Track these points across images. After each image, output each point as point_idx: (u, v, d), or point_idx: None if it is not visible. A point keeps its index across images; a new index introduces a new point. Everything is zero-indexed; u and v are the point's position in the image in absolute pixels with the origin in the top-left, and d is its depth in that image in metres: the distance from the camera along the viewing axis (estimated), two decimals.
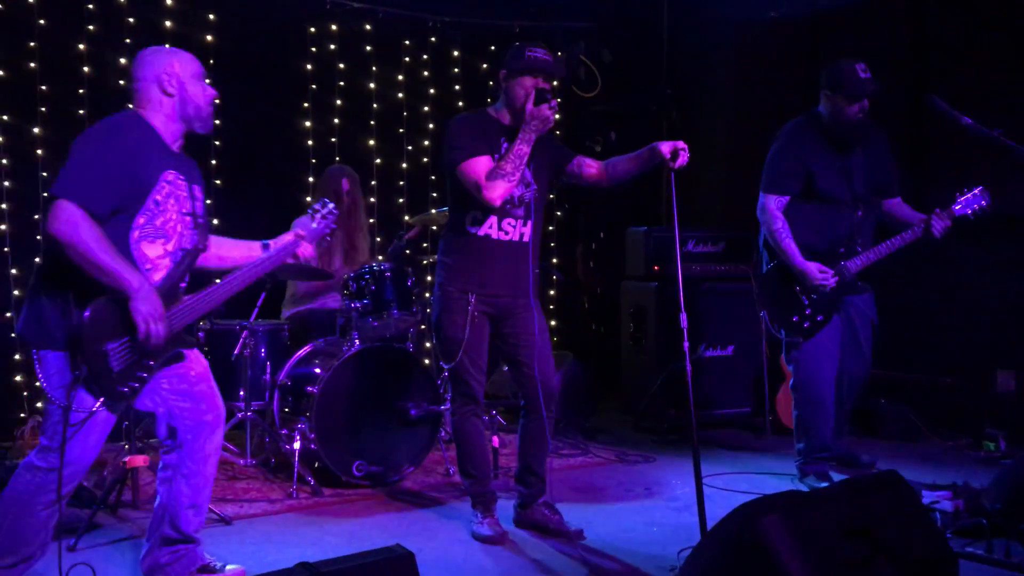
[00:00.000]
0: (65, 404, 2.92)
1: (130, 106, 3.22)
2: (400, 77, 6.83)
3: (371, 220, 6.46)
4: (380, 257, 6.32)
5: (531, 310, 3.95)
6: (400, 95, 6.84)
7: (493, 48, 7.08)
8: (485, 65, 7.11)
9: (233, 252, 3.47)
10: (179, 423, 3.24)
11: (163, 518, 3.27)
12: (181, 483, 3.26)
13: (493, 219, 3.86)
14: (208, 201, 5.96)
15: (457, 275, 3.92)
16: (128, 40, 5.80)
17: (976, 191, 4.56)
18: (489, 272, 3.89)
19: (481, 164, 3.75)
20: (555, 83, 3.96)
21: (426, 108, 6.94)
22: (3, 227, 5.40)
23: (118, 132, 3.06)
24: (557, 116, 3.81)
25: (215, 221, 5.95)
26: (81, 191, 2.88)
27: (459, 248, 3.94)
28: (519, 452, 4.11)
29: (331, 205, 3.67)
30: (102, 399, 2.97)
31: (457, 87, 7.05)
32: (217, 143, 6.04)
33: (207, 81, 3.32)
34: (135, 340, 2.97)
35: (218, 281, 3.31)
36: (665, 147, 3.69)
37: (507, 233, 3.89)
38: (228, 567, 3.38)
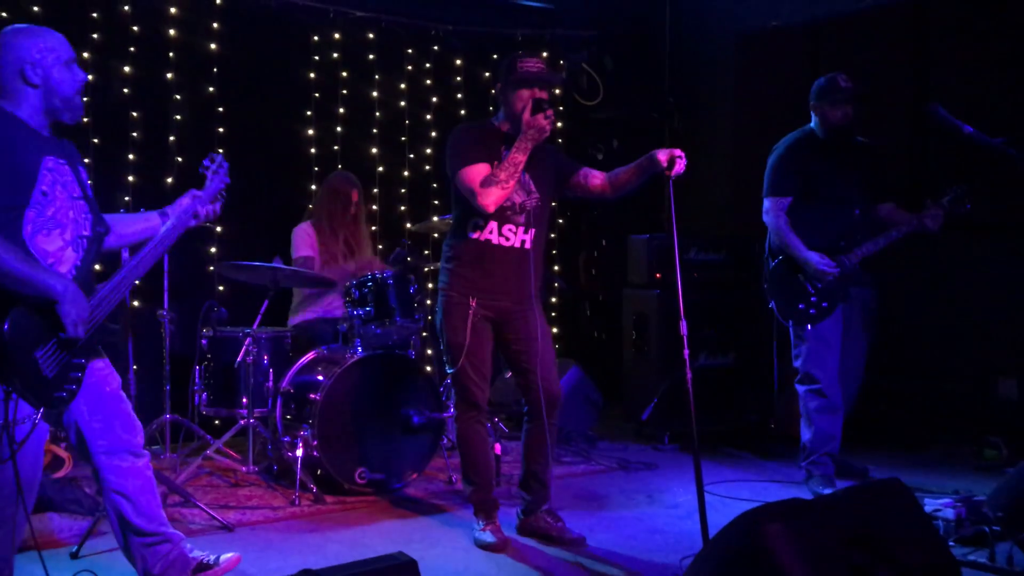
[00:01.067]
0: None
1: None
2: (402, 85, 6.85)
3: (373, 228, 6.48)
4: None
5: (533, 315, 3.97)
6: (402, 103, 6.86)
7: (495, 56, 7.11)
8: (487, 73, 7.13)
9: (132, 228, 3.33)
10: (92, 446, 3.14)
11: (125, 533, 3.22)
12: (119, 500, 3.19)
13: (493, 225, 3.90)
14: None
15: (458, 280, 3.95)
16: (132, 49, 5.83)
17: (962, 187, 4.78)
18: (489, 277, 3.92)
19: (478, 171, 3.81)
20: (556, 91, 3.98)
21: (428, 116, 6.96)
22: None
23: None
24: (559, 124, 3.83)
25: (218, 228, 5.97)
26: None
27: (460, 253, 3.97)
28: (523, 458, 4.11)
29: (219, 158, 3.57)
30: (41, 409, 2.86)
31: (459, 95, 7.07)
32: (221, 151, 6.01)
33: (74, 64, 3.08)
34: (61, 342, 2.87)
35: (127, 262, 3.23)
36: (662, 155, 3.71)
37: (507, 239, 3.92)
38: (223, 557, 3.36)
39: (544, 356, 3.98)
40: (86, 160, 5.35)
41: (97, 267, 3.45)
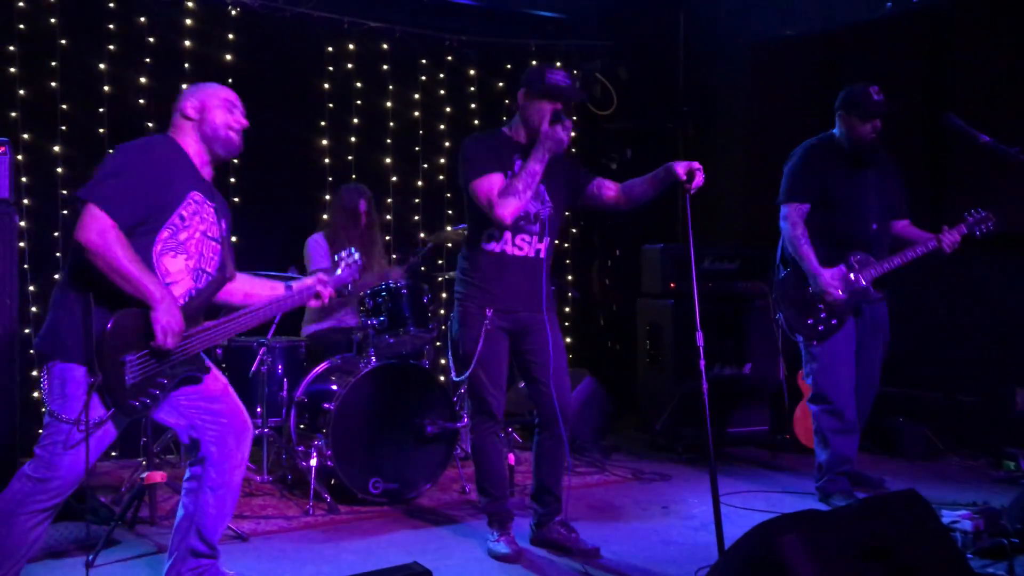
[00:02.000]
0: (64, 416, 2.95)
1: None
2: (416, 95, 6.87)
3: (387, 237, 6.49)
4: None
5: (547, 326, 3.96)
6: (416, 113, 6.87)
7: (509, 67, 7.12)
8: (501, 83, 7.15)
9: (258, 290, 3.51)
10: (201, 435, 3.26)
11: (189, 529, 3.28)
12: (207, 494, 3.27)
13: (508, 235, 3.90)
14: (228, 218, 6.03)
15: (474, 291, 3.94)
16: (148, 60, 5.86)
17: (983, 212, 4.70)
18: (505, 287, 3.92)
19: (493, 182, 3.80)
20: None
21: (442, 126, 6.97)
22: (22, 244, 5.44)
23: (150, 147, 3.18)
24: (572, 134, 3.83)
25: (233, 238, 5.98)
26: (111, 199, 2.93)
27: (475, 265, 3.96)
28: (534, 470, 4.10)
29: (356, 255, 3.71)
30: (112, 410, 2.99)
31: (473, 105, 7.09)
32: (235, 161, 6.08)
33: (237, 110, 3.38)
34: (151, 352, 3.01)
35: (236, 310, 3.37)
36: (680, 168, 3.69)
37: (521, 249, 3.92)
38: None
39: (557, 367, 3.97)
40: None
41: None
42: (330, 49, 6.53)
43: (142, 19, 5.87)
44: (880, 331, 4.83)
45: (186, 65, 5.99)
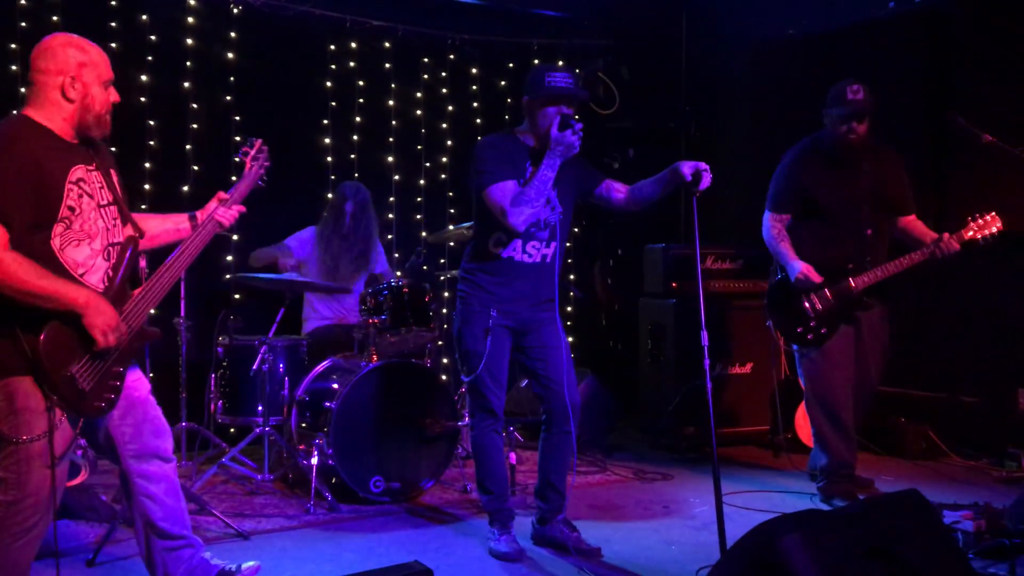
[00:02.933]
0: (21, 438, 2.80)
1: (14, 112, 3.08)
2: (419, 94, 6.87)
3: (389, 236, 6.49)
4: (398, 273, 6.35)
5: (554, 324, 3.97)
6: (419, 112, 6.87)
7: (512, 65, 7.12)
8: (503, 82, 7.14)
9: (162, 228, 3.33)
10: (121, 450, 3.14)
11: (148, 537, 3.21)
12: (147, 503, 3.19)
13: (518, 242, 3.89)
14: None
15: (479, 291, 3.94)
16: (150, 58, 5.86)
17: (988, 216, 4.55)
18: (511, 291, 3.92)
19: (507, 189, 3.77)
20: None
21: (444, 125, 6.97)
22: None
23: (13, 145, 2.87)
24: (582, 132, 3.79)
25: (234, 237, 5.99)
26: None
27: (482, 267, 3.95)
28: (540, 467, 4.09)
29: (259, 142, 3.55)
30: (80, 421, 2.90)
31: (475, 104, 7.08)
32: (237, 160, 6.05)
33: (112, 87, 3.14)
34: (95, 353, 2.88)
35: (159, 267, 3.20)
36: (687, 168, 3.66)
37: (531, 256, 3.92)
38: (244, 565, 3.36)
39: (563, 365, 3.97)
40: None
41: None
42: (332, 48, 6.53)
43: (144, 17, 5.87)
44: (878, 338, 4.77)
45: (188, 63, 5.99)
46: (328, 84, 6.51)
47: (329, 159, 6.51)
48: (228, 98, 6.11)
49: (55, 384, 2.79)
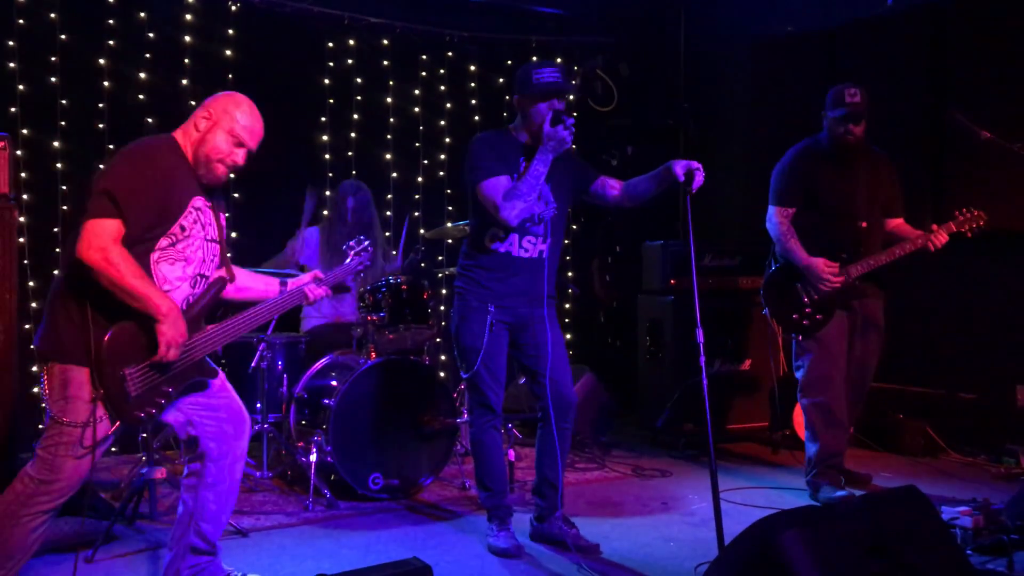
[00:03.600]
0: (65, 419, 2.93)
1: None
2: (417, 92, 6.86)
3: (387, 234, 6.48)
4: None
5: (546, 321, 3.97)
6: (417, 109, 6.86)
7: (510, 63, 7.11)
8: (502, 80, 7.14)
9: (251, 283, 3.49)
10: (200, 432, 3.25)
11: (189, 525, 3.28)
12: (206, 491, 3.26)
13: (514, 237, 3.90)
14: (226, 215, 6.02)
15: (476, 287, 3.95)
16: (148, 55, 5.86)
17: (975, 211, 4.69)
18: (508, 286, 3.93)
19: (499, 184, 3.79)
20: (571, 97, 3.97)
21: (442, 123, 6.96)
22: (22, 240, 5.43)
23: (153, 155, 3.09)
24: (575, 128, 3.80)
25: (233, 234, 5.99)
26: (112, 215, 2.89)
27: (479, 263, 3.97)
28: (536, 464, 4.10)
29: (367, 242, 3.78)
30: (117, 423, 2.97)
31: (474, 101, 7.08)
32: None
33: (241, 149, 3.27)
34: (153, 364, 2.99)
35: (233, 307, 3.37)
36: (679, 168, 3.68)
37: (526, 251, 3.93)
38: None
39: (557, 362, 3.98)
40: (99, 165, 5.38)
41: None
42: (330, 45, 6.52)
43: (142, 14, 5.86)
44: (873, 327, 4.84)
45: (186, 61, 5.98)
46: (326, 81, 6.50)
47: (327, 157, 6.50)
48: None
49: (106, 378, 2.91)
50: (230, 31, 6.13)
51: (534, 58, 7.08)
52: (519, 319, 3.97)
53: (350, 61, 6.59)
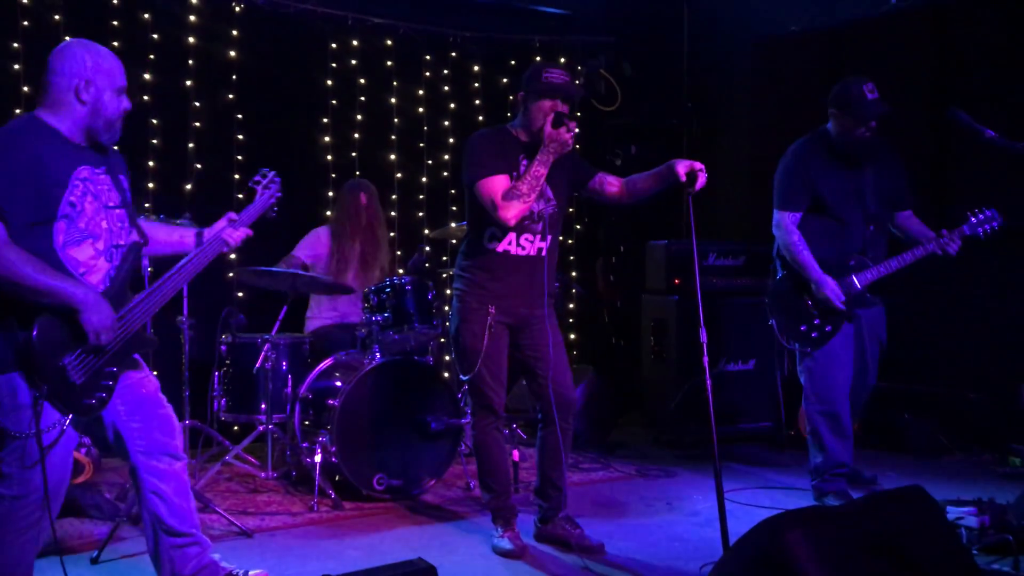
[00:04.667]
0: (22, 431, 2.84)
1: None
2: (420, 92, 6.86)
3: (391, 234, 6.49)
4: (400, 271, 6.35)
5: (546, 322, 3.96)
6: (420, 110, 6.87)
7: (513, 63, 7.11)
8: (505, 80, 7.14)
9: (166, 237, 3.37)
10: (130, 445, 3.16)
11: (157, 534, 3.22)
12: (154, 500, 3.20)
13: (512, 235, 3.89)
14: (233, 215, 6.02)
15: (475, 287, 3.94)
16: (152, 56, 5.86)
17: (988, 212, 4.57)
18: (507, 285, 3.92)
19: (498, 183, 3.78)
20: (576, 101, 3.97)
21: (446, 123, 6.96)
22: None
23: (13, 140, 2.92)
24: (576, 131, 3.80)
25: None
26: None
27: (477, 263, 3.96)
28: (538, 465, 4.10)
29: (272, 173, 3.64)
30: (70, 415, 2.89)
31: (477, 102, 7.08)
32: (239, 158, 6.08)
33: (124, 94, 3.17)
34: (88, 349, 2.91)
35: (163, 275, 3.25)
36: (681, 168, 3.66)
37: (524, 248, 3.92)
38: (251, 572, 3.37)
39: (557, 362, 3.98)
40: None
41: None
42: (334, 45, 6.52)
43: (146, 15, 5.87)
44: (876, 333, 4.80)
45: (190, 62, 5.99)
46: (329, 82, 6.51)
47: (330, 157, 6.50)
48: (230, 96, 6.11)
49: (46, 374, 2.82)
50: (234, 32, 6.13)
51: (537, 58, 7.08)
52: (519, 320, 3.96)
53: (353, 61, 6.59)
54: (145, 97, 5.85)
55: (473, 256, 3.98)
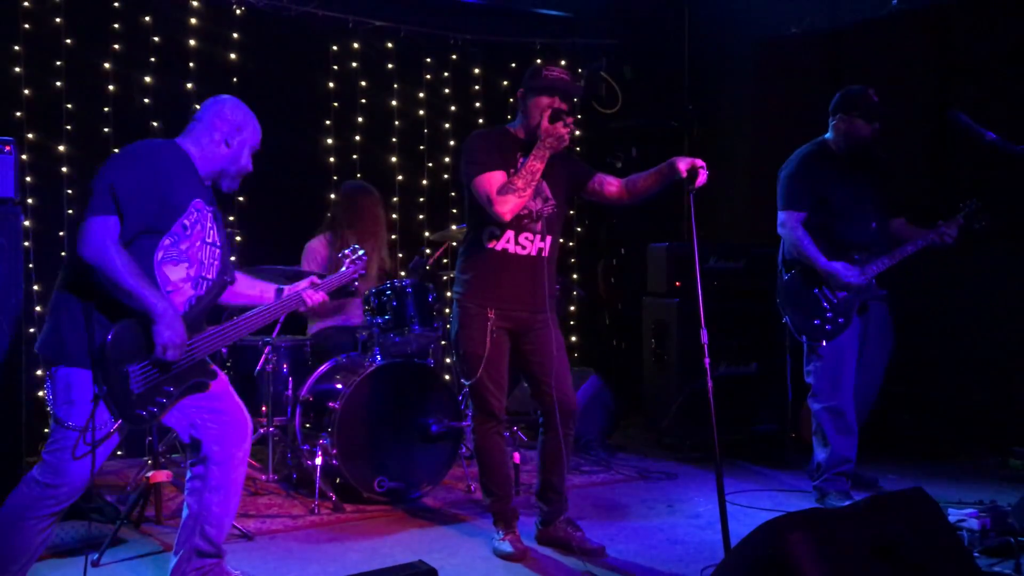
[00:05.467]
0: (70, 423, 2.95)
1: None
2: (421, 94, 6.87)
3: (392, 236, 6.49)
4: (402, 273, 6.35)
5: (548, 326, 3.94)
6: (421, 112, 6.87)
7: (514, 65, 7.12)
8: (506, 82, 7.14)
9: (247, 289, 3.52)
10: (202, 435, 3.26)
11: (194, 529, 3.28)
12: (210, 495, 3.27)
13: (510, 234, 3.86)
14: (232, 218, 6.03)
15: (475, 290, 3.92)
16: (153, 59, 5.87)
17: (978, 205, 4.74)
18: (506, 287, 3.89)
19: (494, 179, 3.76)
20: (575, 100, 3.97)
21: (447, 125, 6.97)
22: (27, 243, 5.44)
23: (154, 155, 3.12)
24: (578, 132, 3.80)
25: (237, 237, 6.00)
26: (112, 211, 2.92)
27: (476, 264, 3.94)
28: (539, 469, 4.09)
29: (361, 252, 3.79)
30: (119, 421, 2.98)
31: (478, 104, 7.09)
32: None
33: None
34: (155, 362, 3.01)
35: (234, 311, 3.42)
36: (683, 164, 3.66)
37: (524, 248, 3.89)
38: None
39: (559, 367, 3.96)
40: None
41: None
42: (335, 48, 6.53)
43: (147, 18, 5.88)
44: (885, 333, 4.84)
45: (191, 64, 6.00)
46: (330, 84, 6.52)
47: (331, 159, 6.51)
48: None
49: (109, 377, 2.92)
50: (235, 35, 6.14)
51: (538, 60, 7.09)
52: (519, 325, 3.94)
53: (354, 64, 6.60)
54: (146, 100, 5.86)
55: (472, 256, 3.96)
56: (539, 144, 3.74)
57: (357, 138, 6.61)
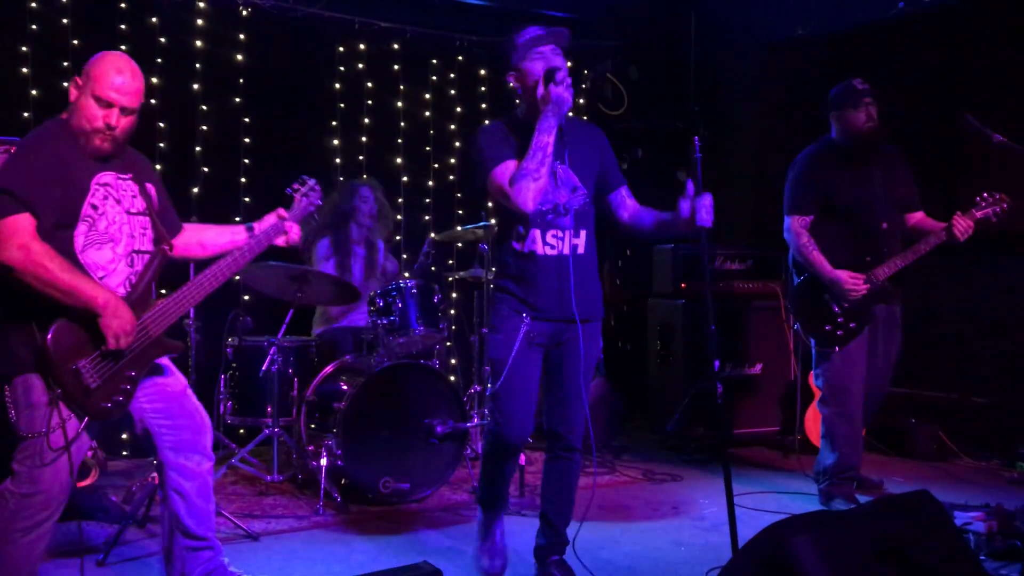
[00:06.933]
0: (32, 432, 2.86)
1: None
2: (427, 95, 6.87)
3: (397, 237, 6.49)
4: (407, 274, 6.35)
5: (580, 342, 3.46)
6: (427, 113, 6.87)
7: None
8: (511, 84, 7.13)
9: (217, 239, 3.39)
10: (158, 441, 3.18)
11: (174, 533, 3.24)
12: (175, 498, 3.21)
13: (536, 232, 3.42)
14: (237, 219, 6.03)
15: (508, 296, 3.49)
16: (159, 60, 5.88)
17: (997, 195, 4.59)
18: (535, 293, 3.43)
19: (507, 169, 3.34)
20: (564, 46, 3.73)
21: (453, 126, 6.97)
22: None
23: (39, 144, 2.97)
24: (570, 80, 3.43)
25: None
26: (22, 210, 2.80)
27: (508, 268, 3.52)
28: (542, 492, 3.70)
29: (312, 181, 3.64)
30: (86, 419, 2.91)
31: (484, 105, 7.08)
32: (246, 161, 6.09)
33: (111, 109, 3.03)
34: (105, 353, 2.92)
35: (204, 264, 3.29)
36: (684, 208, 3.39)
37: (554, 248, 3.42)
38: None
39: (576, 387, 3.52)
40: None
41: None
42: (341, 49, 6.53)
43: (153, 19, 5.88)
44: (894, 333, 4.79)
45: (197, 65, 6.00)
46: (336, 85, 6.52)
47: (337, 160, 6.51)
48: (237, 100, 6.12)
49: (59, 377, 2.84)
50: (241, 36, 6.15)
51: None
52: (550, 338, 3.49)
53: (360, 65, 6.60)
54: (152, 101, 5.87)
55: (503, 260, 3.54)
56: (542, 116, 3.32)
57: (363, 139, 6.61)
